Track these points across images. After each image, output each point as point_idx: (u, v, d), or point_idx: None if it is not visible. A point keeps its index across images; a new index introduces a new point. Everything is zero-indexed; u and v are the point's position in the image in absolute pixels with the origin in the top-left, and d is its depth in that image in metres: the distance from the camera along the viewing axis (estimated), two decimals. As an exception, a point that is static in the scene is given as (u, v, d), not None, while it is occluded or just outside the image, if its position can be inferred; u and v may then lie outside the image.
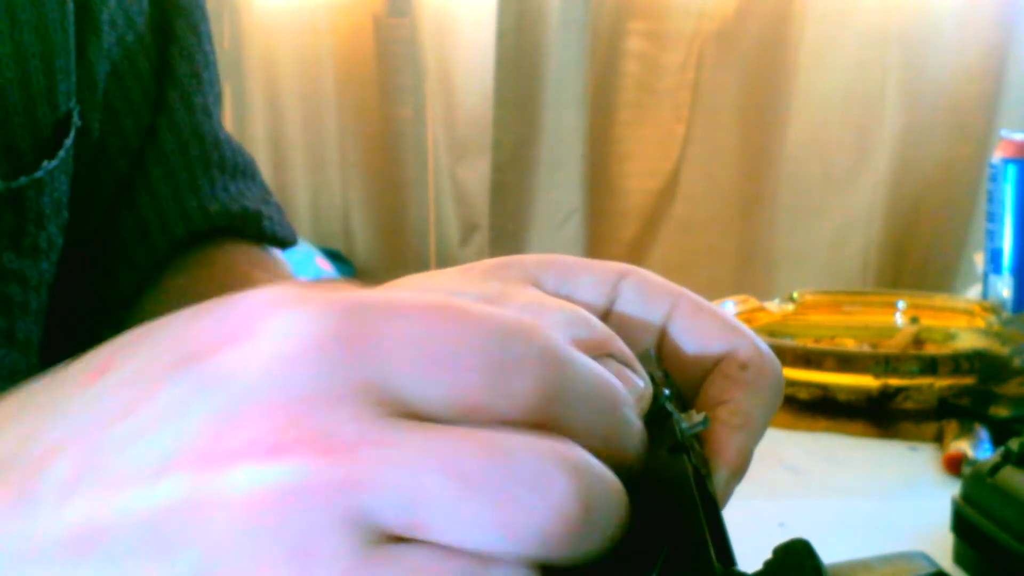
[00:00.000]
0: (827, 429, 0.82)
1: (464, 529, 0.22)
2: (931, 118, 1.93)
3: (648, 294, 0.37)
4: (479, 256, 2.04)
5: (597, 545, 0.23)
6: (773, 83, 2.03)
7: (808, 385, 0.86)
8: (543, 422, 0.24)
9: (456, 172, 2.25)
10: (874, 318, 0.99)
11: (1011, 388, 0.82)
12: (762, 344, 0.37)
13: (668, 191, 2.13)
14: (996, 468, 0.57)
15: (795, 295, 1.01)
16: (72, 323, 0.60)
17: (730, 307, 0.96)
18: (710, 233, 2.10)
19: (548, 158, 2.15)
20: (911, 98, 1.92)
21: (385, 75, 2.29)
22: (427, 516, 0.22)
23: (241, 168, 0.65)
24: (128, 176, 0.61)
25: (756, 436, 0.35)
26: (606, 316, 0.36)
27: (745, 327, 0.37)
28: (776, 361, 0.36)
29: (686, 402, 0.36)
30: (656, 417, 0.31)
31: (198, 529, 0.22)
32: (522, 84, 2.15)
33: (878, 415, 0.83)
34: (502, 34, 2.13)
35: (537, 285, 0.36)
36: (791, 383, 0.87)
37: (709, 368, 0.36)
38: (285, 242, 0.66)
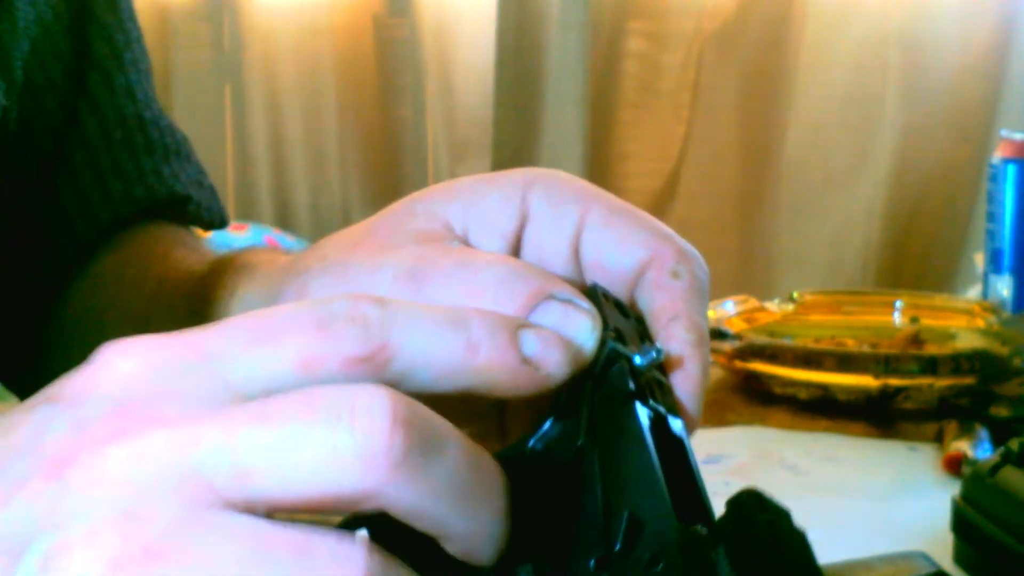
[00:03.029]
0: (827, 429, 0.82)
1: (285, 474, 0.23)
2: (931, 118, 1.93)
3: (558, 204, 0.34)
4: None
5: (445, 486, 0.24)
6: (773, 83, 2.03)
7: (808, 385, 0.86)
8: (381, 376, 0.25)
9: (456, 172, 2.25)
10: (874, 318, 0.99)
11: (1011, 388, 0.82)
12: (686, 244, 0.34)
13: (668, 191, 2.13)
14: (996, 468, 0.58)
15: (795, 295, 1.01)
16: (3, 311, 0.59)
17: (730, 307, 0.96)
18: (710, 233, 2.09)
19: (548, 158, 2.15)
20: (911, 98, 1.92)
21: (385, 75, 2.29)
22: (249, 464, 0.23)
23: (174, 149, 0.63)
24: (51, 160, 0.59)
25: (708, 345, 0.33)
26: (521, 236, 0.34)
27: (665, 227, 0.34)
28: (702, 260, 0.34)
29: (647, 332, 0.33)
30: (608, 360, 0.29)
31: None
32: (522, 84, 2.15)
33: (878, 415, 0.83)
34: (502, 34, 2.13)
35: (448, 225, 0.34)
36: (791, 383, 0.87)
37: (633, 279, 0.33)
38: (212, 225, 0.65)
